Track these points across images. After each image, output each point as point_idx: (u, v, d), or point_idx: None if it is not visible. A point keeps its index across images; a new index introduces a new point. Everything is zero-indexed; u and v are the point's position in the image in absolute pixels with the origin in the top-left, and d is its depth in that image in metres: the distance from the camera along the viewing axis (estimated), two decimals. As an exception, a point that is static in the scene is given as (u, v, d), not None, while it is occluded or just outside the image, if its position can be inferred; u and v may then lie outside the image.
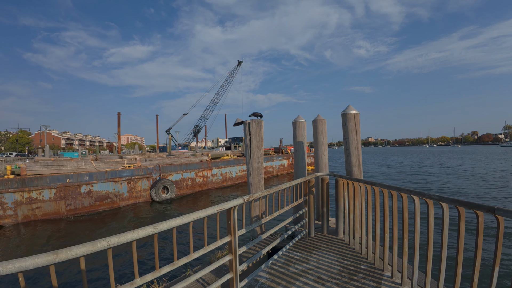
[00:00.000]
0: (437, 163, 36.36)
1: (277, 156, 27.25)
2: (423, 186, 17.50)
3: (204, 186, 18.61)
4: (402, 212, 2.92)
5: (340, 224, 4.33)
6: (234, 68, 51.58)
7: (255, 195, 2.30)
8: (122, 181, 14.48)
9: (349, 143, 4.07)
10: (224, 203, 2.00)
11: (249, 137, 4.52)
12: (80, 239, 9.29)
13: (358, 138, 4.10)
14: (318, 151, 5.04)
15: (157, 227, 1.44)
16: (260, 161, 4.36)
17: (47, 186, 12.76)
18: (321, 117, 5.14)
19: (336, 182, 4.21)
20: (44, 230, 10.70)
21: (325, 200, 4.34)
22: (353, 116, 4.05)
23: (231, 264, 2.23)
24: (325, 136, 5.08)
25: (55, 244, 8.91)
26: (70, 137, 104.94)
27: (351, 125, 4.06)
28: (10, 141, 65.54)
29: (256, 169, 4.31)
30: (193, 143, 56.17)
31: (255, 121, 4.64)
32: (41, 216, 12.59)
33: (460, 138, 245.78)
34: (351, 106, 4.15)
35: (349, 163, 4.11)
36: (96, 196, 13.82)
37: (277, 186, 2.93)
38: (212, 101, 50.77)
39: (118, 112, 41.19)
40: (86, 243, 1.30)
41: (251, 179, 4.32)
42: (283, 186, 3.05)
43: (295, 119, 5.13)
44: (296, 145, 5.05)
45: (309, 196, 4.09)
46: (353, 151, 4.07)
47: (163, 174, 16.10)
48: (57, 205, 12.97)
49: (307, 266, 3.33)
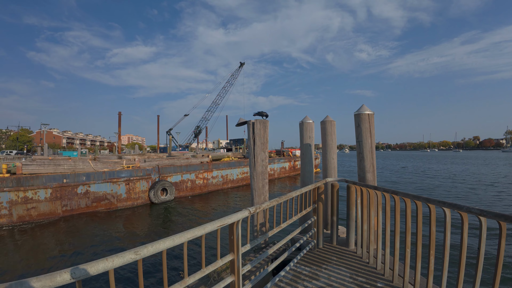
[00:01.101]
0: (443, 168, 35.49)
1: (278, 159, 26.88)
2: (434, 192, 16.96)
3: (204, 188, 18.24)
4: (430, 226, 2.57)
5: (351, 234, 3.97)
6: (236, 70, 51.36)
7: (262, 206, 1.96)
8: (120, 182, 14.14)
9: (363, 146, 3.73)
10: (227, 217, 1.66)
11: (253, 138, 4.17)
12: (76, 241, 8.95)
13: (372, 141, 3.75)
14: (327, 154, 4.68)
15: (139, 252, 1.10)
16: (264, 165, 4.01)
17: (43, 185, 12.42)
18: (330, 118, 4.79)
19: (347, 189, 3.85)
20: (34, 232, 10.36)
21: (335, 208, 3.98)
22: (367, 117, 3.71)
23: (233, 287, 1.88)
24: (334, 139, 4.73)
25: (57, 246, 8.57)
26: (71, 136, 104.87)
27: (365, 127, 3.71)
28: (11, 139, 65.45)
29: (260, 173, 3.95)
30: (194, 144, 55.90)
31: (260, 121, 4.29)
32: (36, 217, 12.25)
33: (461, 143, 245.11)
34: (365, 106, 3.81)
35: (362, 168, 3.76)
36: (93, 197, 13.47)
37: (286, 195, 2.58)
38: (213, 102, 50.51)
39: (119, 112, 40.96)
40: (41, 276, 0.95)
41: (254, 184, 3.97)
42: (293, 194, 2.70)
43: (302, 120, 4.79)
44: (303, 148, 4.70)
45: (318, 204, 3.73)
46: (367, 155, 3.71)
47: (162, 176, 15.75)
48: (53, 206, 12.64)
49: (318, 283, 2.97)
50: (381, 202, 3.28)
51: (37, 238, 9.51)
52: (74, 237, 9.44)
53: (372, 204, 3.39)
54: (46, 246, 8.64)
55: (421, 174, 29.09)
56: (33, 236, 9.77)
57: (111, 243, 8.68)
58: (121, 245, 8.49)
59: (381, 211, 3.30)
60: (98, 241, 8.89)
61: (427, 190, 17.73)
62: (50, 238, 9.53)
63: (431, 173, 29.10)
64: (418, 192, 17.16)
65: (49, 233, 10.15)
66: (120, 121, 41.08)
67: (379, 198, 3.21)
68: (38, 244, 8.82)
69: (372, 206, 3.40)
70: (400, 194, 2.85)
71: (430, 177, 25.32)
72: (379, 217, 3.25)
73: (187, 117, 48.70)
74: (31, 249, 8.38)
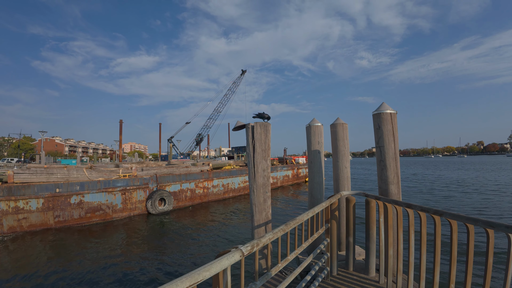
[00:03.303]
0: (457, 175, 31.68)
1: (281, 167, 26.17)
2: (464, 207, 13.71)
3: (205, 198, 17.52)
4: (487, 256, 1.91)
5: (371, 259, 3.29)
6: (238, 77, 51.29)
7: (263, 241, 1.34)
8: (116, 191, 13.51)
9: (385, 152, 3.08)
10: (208, 265, 1.03)
11: (253, 145, 3.55)
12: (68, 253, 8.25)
13: (396, 146, 3.11)
14: (339, 162, 4.03)
15: None
16: (266, 175, 3.36)
17: (34, 195, 11.84)
18: (341, 120, 4.16)
19: (366, 204, 3.20)
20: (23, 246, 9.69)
21: (351, 227, 3.31)
22: (389, 117, 3.07)
23: None
24: (347, 144, 4.09)
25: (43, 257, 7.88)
26: (73, 144, 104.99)
27: (387, 129, 3.07)
28: (13, 146, 65.48)
29: (262, 185, 3.31)
30: (196, 152, 55.38)
31: (261, 124, 3.68)
32: (27, 228, 11.65)
33: (465, 148, 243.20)
34: (386, 104, 3.18)
35: (384, 179, 3.10)
36: (87, 208, 12.83)
37: (294, 219, 1.95)
38: (215, 110, 50.28)
39: (120, 120, 40.69)
40: None
41: (254, 198, 3.32)
42: (303, 218, 2.06)
43: (309, 123, 4.16)
44: (311, 155, 4.05)
45: (331, 223, 3.07)
46: (390, 163, 3.06)
47: (160, 185, 15.11)
48: (45, 216, 12.02)
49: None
50: (413, 223, 2.62)
51: (19, 252, 8.83)
52: (57, 252, 8.75)
53: (400, 224, 2.73)
54: (25, 261, 7.95)
55: (439, 182, 24.54)
56: (18, 249, 9.10)
57: (97, 261, 7.97)
58: (110, 261, 7.79)
59: (413, 234, 2.63)
60: (84, 258, 8.19)
61: (464, 205, 14.11)
62: (33, 251, 8.85)
63: (450, 182, 24.82)
64: (450, 205, 14.14)
65: (31, 246, 9.47)
66: (121, 129, 40.76)
67: (411, 218, 2.55)
68: (18, 259, 8.13)
69: (400, 226, 2.74)
70: (447, 215, 2.19)
71: (456, 186, 21.38)
72: (411, 241, 2.58)
73: (189, 125, 48.45)
74: (11, 262, 7.70)
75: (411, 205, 2.39)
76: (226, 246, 8.39)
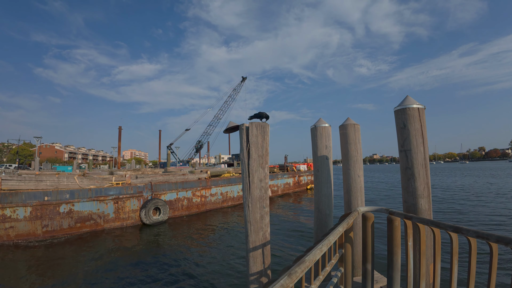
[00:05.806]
0: (470, 182, 27.87)
1: (282, 174, 25.44)
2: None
3: (202, 207, 16.78)
4: None
5: (395, 291, 2.63)
6: (238, 84, 51.13)
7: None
8: (108, 200, 12.83)
9: (412, 157, 2.45)
10: None
11: (247, 149, 2.93)
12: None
13: (425, 150, 2.48)
14: (350, 169, 3.39)
15: None
16: (264, 186, 2.72)
17: (22, 203, 11.20)
18: (352, 120, 3.55)
19: (388, 223, 2.55)
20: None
21: (369, 250, 2.66)
22: (417, 113, 2.46)
23: None
24: (360, 148, 3.47)
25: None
26: (73, 151, 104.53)
27: (415, 128, 2.45)
28: (12, 152, 65.05)
29: (258, 198, 2.66)
30: (196, 159, 54.74)
31: (257, 124, 3.07)
32: (15, 237, 10.97)
33: (467, 154, 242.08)
34: (410, 98, 2.57)
35: (411, 192, 2.47)
36: (77, 217, 12.14)
37: (304, 261, 1.29)
38: (215, 116, 49.92)
39: (119, 127, 40.29)
40: None
41: (249, 214, 2.68)
42: (316, 256, 1.39)
43: (315, 124, 3.55)
44: (317, 162, 3.42)
45: (345, 248, 2.42)
46: (419, 172, 2.43)
47: (155, 193, 14.42)
48: (32, 226, 11.34)
49: None
50: (457, 251, 1.98)
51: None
52: (38, 266, 8.03)
53: (438, 250, 2.09)
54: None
55: (460, 192, 20.01)
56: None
57: (81, 275, 7.26)
58: (94, 276, 7.07)
59: (457, 262, 1.99)
60: (70, 272, 7.47)
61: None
62: (15, 264, 8.13)
63: (471, 190, 20.61)
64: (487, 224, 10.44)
65: (14, 260, 8.76)
66: (120, 136, 40.29)
67: (455, 244, 1.91)
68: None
69: (438, 252, 2.10)
70: (505, 240, 1.56)
71: (481, 197, 17.31)
72: (454, 274, 1.94)
73: (189, 132, 48.04)
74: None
75: (460, 229, 1.75)
76: (220, 266, 7.67)
